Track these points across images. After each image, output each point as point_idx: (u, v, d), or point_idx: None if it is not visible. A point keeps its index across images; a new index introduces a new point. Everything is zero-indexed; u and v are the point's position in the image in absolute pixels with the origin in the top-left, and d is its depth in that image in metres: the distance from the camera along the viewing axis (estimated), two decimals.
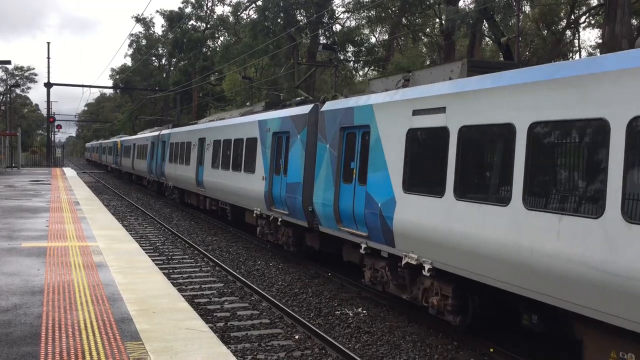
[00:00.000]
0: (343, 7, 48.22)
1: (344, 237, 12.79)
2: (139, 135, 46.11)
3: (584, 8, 41.91)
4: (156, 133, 37.43)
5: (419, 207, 9.85)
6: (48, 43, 59.93)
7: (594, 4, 39.80)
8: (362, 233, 11.78)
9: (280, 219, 16.25)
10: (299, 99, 18.35)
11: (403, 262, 10.30)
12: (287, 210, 15.63)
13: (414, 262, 9.96)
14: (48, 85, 56.92)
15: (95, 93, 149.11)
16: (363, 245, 11.81)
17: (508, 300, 8.84)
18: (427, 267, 9.70)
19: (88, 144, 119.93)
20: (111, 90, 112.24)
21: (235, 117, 22.16)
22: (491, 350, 9.52)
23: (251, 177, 18.30)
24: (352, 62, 51.85)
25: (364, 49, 49.04)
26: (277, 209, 16.34)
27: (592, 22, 43.59)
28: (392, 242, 10.69)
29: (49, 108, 61.02)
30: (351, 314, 11.75)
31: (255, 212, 17.97)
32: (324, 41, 47.40)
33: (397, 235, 10.41)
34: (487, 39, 44.61)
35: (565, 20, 42.60)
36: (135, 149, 44.41)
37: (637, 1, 29.69)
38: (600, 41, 36.04)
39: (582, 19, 43.55)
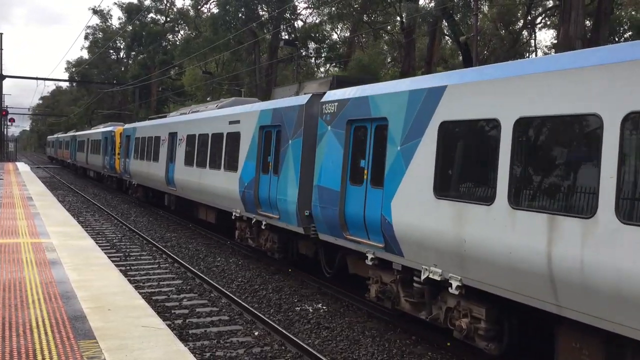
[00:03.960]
0: (305, 3, 48.20)
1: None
2: (187, 117, 21.96)
3: (540, 9, 42.88)
4: (269, 105, 14.93)
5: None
6: (0, 34, 58.02)
7: (550, 5, 40.77)
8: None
9: None
10: None
11: None
12: None
13: None
14: (0, 77, 55.13)
15: (51, 86, 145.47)
16: None
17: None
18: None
19: (50, 137, 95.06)
20: (67, 84, 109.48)
21: None
22: (448, 344, 9.67)
23: None
24: (313, 59, 51.85)
25: (325, 45, 49.09)
26: None
27: (548, 22, 44.66)
28: None
29: (1, 101, 59.12)
30: (311, 310, 11.76)
31: None
32: (286, 37, 47.28)
33: None
34: (446, 37, 45.24)
35: (522, 21, 43.50)
36: (178, 146, 21.59)
37: (591, 3, 30.53)
38: (555, 41, 36.98)
39: (539, 20, 44.57)
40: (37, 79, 56.60)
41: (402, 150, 9.55)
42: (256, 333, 10.24)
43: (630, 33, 36.85)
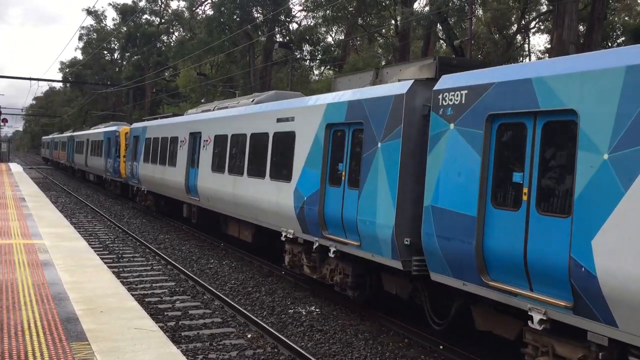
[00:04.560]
0: (300, 5, 48.31)
1: None
2: (214, 114, 18.76)
3: (534, 14, 43.12)
4: (341, 96, 11.69)
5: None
6: None
7: (544, 10, 41.00)
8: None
9: None
10: None
11: None
12: None
13: None
14: None
15: (44, 86, 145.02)
16: None
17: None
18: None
19: (45, 138, 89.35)
20: (60, 84, 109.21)
21: None
22: (441, 347, 9.68)
23: None
24: (308, 61, 51.92)
25: (319, 48, 49.18)
26: None
27: (542, 27, 44.90)
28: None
29: None
30: (304, 313, 11.75)
31: None
32: (280, 39, 47.33)
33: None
34: (441, 41, 45.37)
35: (516, 25, 43.72)
36: (203, 149, 18.46)
37: (584, 8, 30.72)
38: (549, 46, 37.16)
39: (532, 24, 44.81)
40: (30, 79, 56.42)
41: (614, 160, 6.22)
42: (249, 335, 10.22)
43: (623, 38, 37.11)
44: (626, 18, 40.12)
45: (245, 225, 16.08)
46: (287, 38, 47.61)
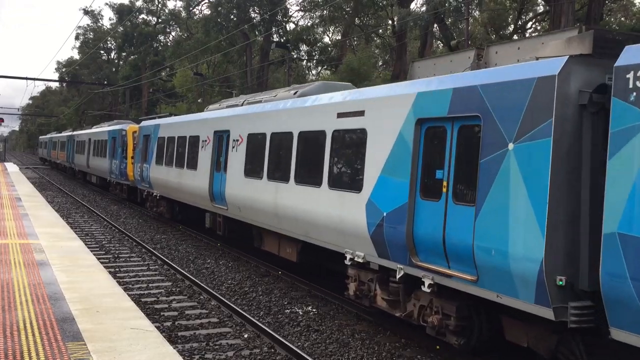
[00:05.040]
0: (297, 5, 48.35)
1: None
2: (246, 109, 16.36)
3: (531, 14, 43.24)
4: (439, 83, 9.07)
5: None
6: None
7: (540, 11, 41.11)
8: None
9: None
10: None
11: None
12: None
13: None
14: None
15: (41, 86, 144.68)
16: None
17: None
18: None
19: (43, 137, 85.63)
20: (57, 84, 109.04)
21: None
22: (437, 347, 9.69)
23: None
24: (305, 61, 51.94)
25: (316, 48, 49.22)
26: None
27: (538, 27, 45.00)
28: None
29: None
30: (301, 313, 11.75)
31: None
32: (277, 39, 47.35)
33: None
34: (438, 41, 45.46)
35: (512, 26, 43.82)
36: (232, 150, 16.08)
37: (581, 9, 30.81)
38: None
39: (529, 25, 44.92)
40: (27, 78, 56.31)
41: None
42: (245, 335, 10.22)
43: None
44: (622, 19, 40.26)
45: (288, 241, 13.57)
46: (284, 38, 47.62)
